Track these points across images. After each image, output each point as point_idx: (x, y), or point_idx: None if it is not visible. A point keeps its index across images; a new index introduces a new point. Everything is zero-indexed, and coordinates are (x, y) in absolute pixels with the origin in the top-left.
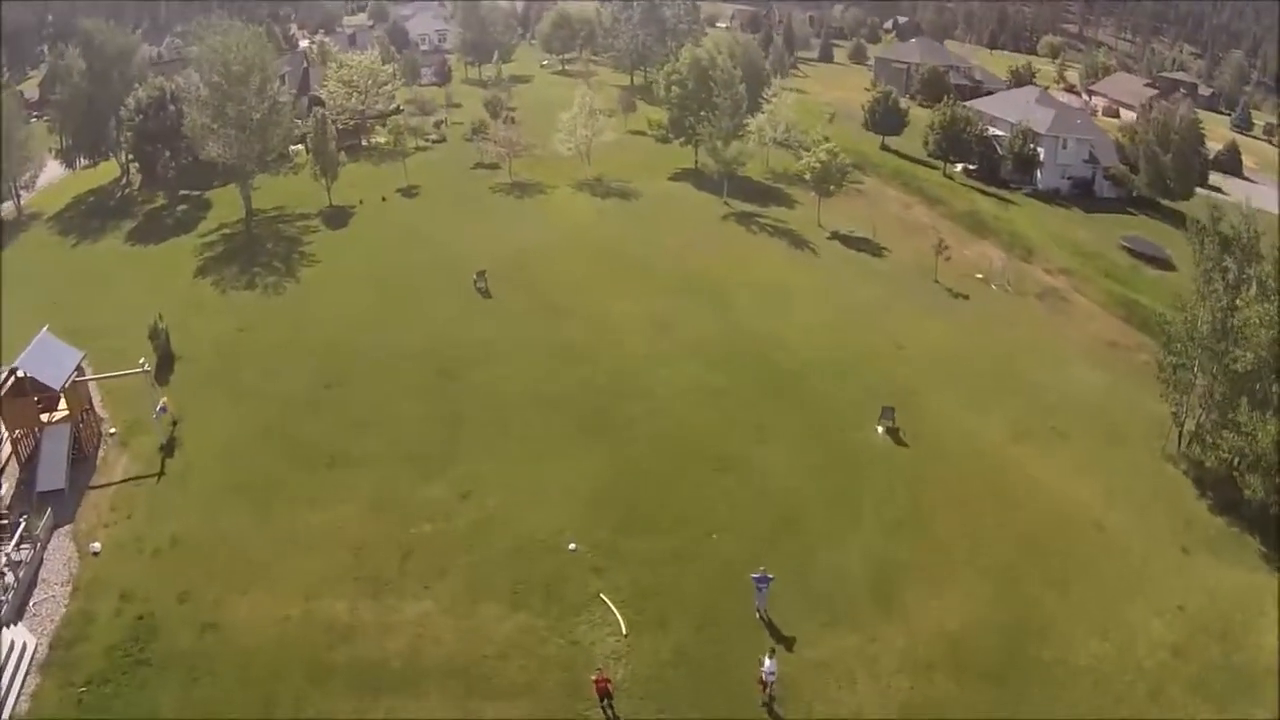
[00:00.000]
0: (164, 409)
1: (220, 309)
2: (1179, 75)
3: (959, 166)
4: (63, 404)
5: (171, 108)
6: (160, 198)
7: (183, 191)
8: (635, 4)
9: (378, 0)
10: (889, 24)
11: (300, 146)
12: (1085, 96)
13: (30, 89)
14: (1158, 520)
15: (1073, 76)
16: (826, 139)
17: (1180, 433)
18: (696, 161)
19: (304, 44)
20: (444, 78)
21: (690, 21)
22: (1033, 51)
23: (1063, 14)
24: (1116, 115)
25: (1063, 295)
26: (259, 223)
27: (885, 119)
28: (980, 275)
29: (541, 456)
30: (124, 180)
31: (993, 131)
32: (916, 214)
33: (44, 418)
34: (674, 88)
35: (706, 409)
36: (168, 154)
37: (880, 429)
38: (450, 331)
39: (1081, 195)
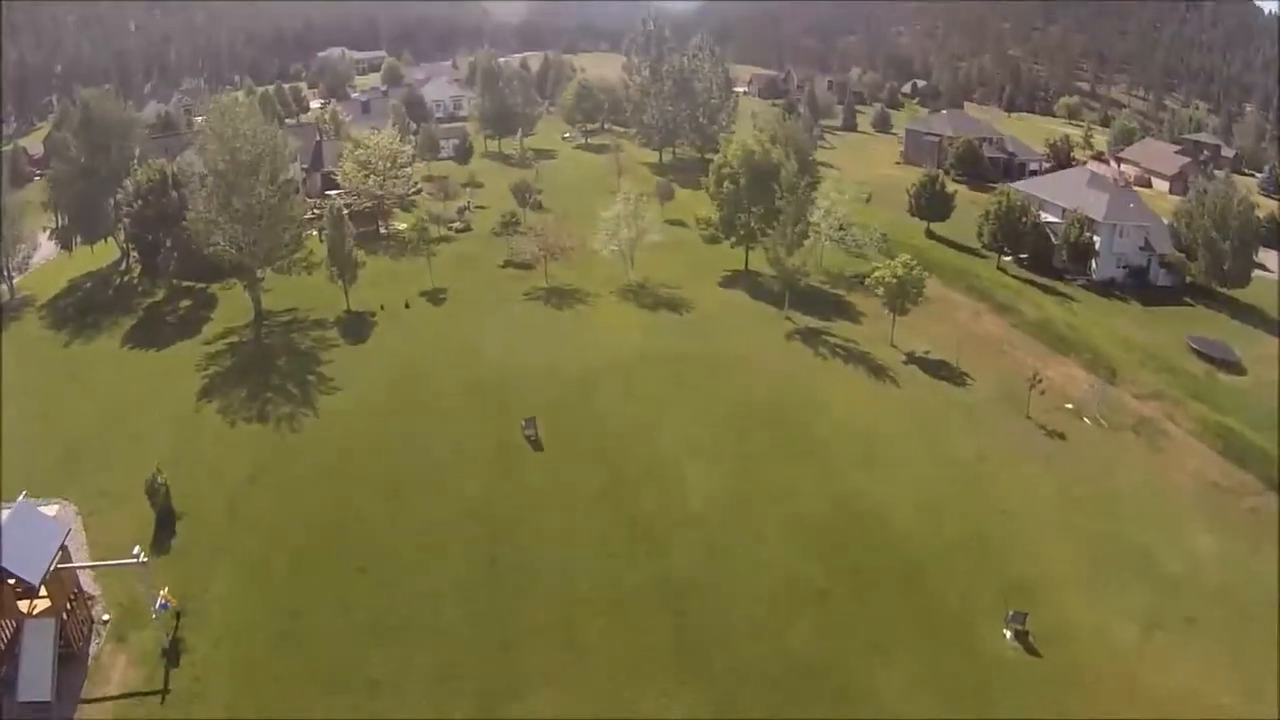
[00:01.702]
0: (165, 605)
1: (228, 446)
2: (1202, 137)
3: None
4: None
5: (174, 193)
6: (161, 290)
7: (185, 283)
8: (665, 76)
9: (391, 59)
10: (907, 88)
11: (314, 233)
12: (1114, 164)
13: (37, 141)
14: None
15: (1093, 138)
16: (885, 237)
17: None
18: (747, 263)
19: (314, 105)
20: (464, 154)
21: (722, 96)
22: (1049, 113)
23: (1074, 71)
24: (1148, 184)
25: (1157, 426)
26: (270, 329)
27: (932, 204)
28: (1070, 405)
29: (622, 693)
30: (123, 265)
31: (1045, 218)
32: (988, 325)
33: (24, 605)
34: (725, 183)
35: (811, 618)
36: (169, 243)
37: (1008, 634)
38: (499, 497)
39: (1137, 285)
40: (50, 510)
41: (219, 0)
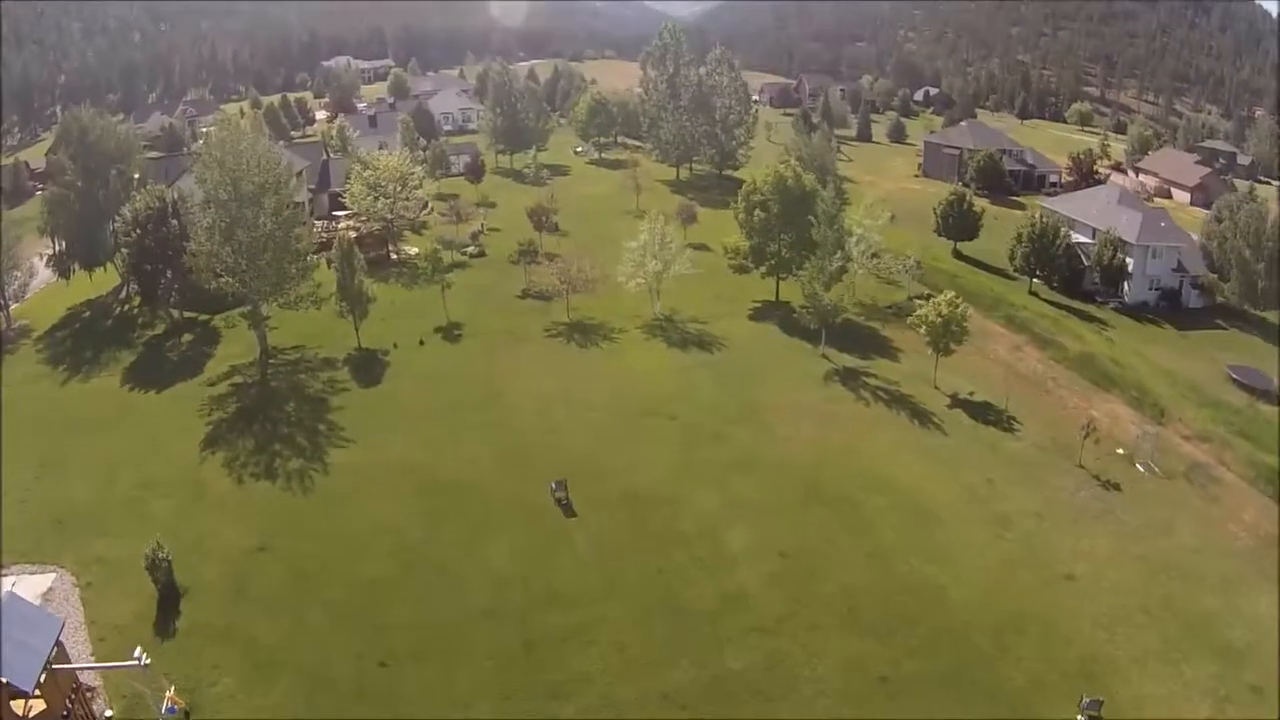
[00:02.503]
0: (173, 709)
1: (234, 508)
2: (1218, 145)
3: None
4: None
5: (174, 221)
6: (161, 323)
7: (188, 314)
8: (683, 90)
9: (397, 70)
10: (919, 96)
11: (320, 258)
12: (1132, 174)
13: (40, 153)
14: None
15: (1109, 146)
16: (919, 264)
17: None
18: (778, 293)
19: (320, 116)
20: (476, 172)
21: (742, 111)
22: (1060, 119)
23: (1083, 75)
24: (1168, 195)
25: (1209, 472)
26: (276, 368)
27: (960, 223)
28: (1121, 450)
29: None
30: (122, 293)
31: (1075, 238)
32: (1030, 361)
33: (18, 706)
34: (756, 211)
35: (875, 709)
36: (169, 273)
37: None
38: (530, 574)
39: (1170, 307)
40: (45, 580)
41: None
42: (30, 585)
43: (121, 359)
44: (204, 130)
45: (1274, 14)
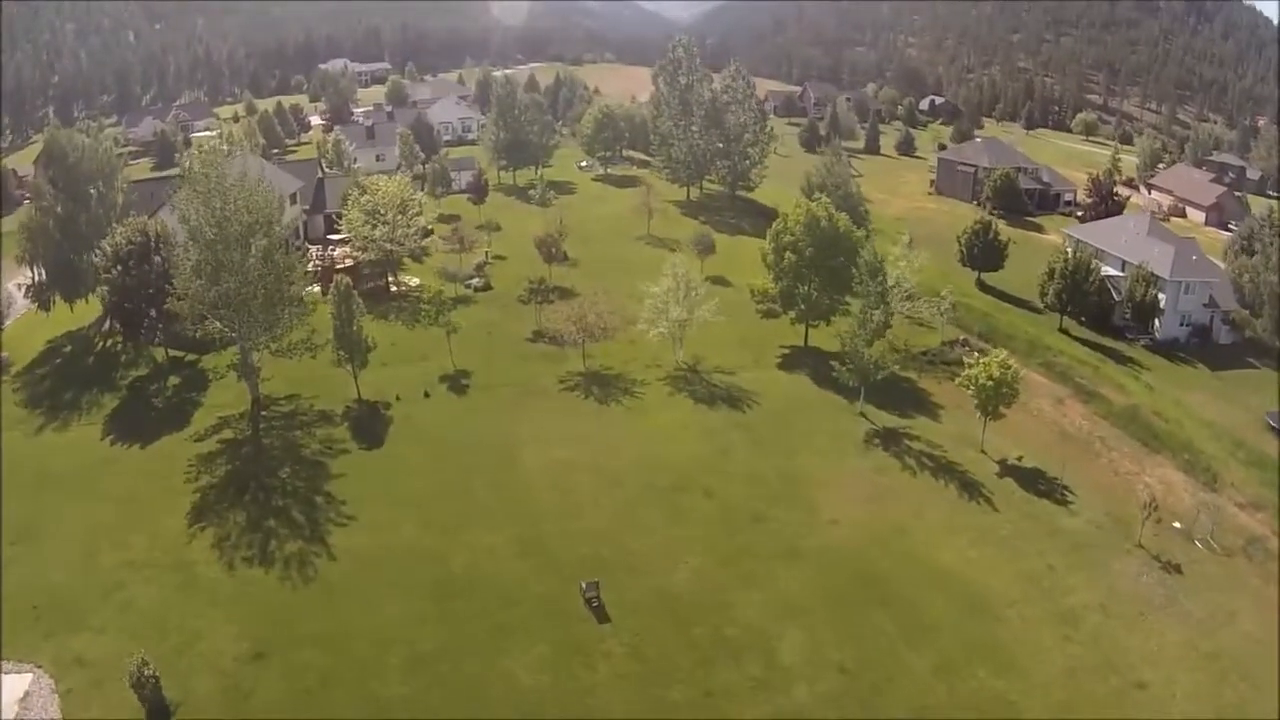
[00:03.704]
0: None
1: (227, 602)
2: (1227, 158)
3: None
4: None
5: (157, 258)
6: (145, 362)
7: (174, 352)
8: (696, 109)
9: (395, 78)
10: (925, 105)
11: (316, 289)
12: (1145, 190)
13: (31, 158)
14: None
15: (1120, 159)
16: (954, 306)
17: None
18: (807, 338)
19: (316, 121)
20: (479, 192)
21: (757, 129)
22: (1064, 128)
23: (1086, 83)
24: (1183, 214)
25: (1266, 546)
26: (269, 422)
27: (985, 253)
28: (1178, 524)
29: None
30: (105, 325)
31: (1105, 271)
32: (1074, 416)
33: None
34: (787, 254)
35: None
36: (153, 313)
37: None
38: (563, 695)
39: (1201, 344)
40: (22, 681)
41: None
42: (7, 687)
43: (103, 403)
44: (189, 156)
45: (1275, 21)
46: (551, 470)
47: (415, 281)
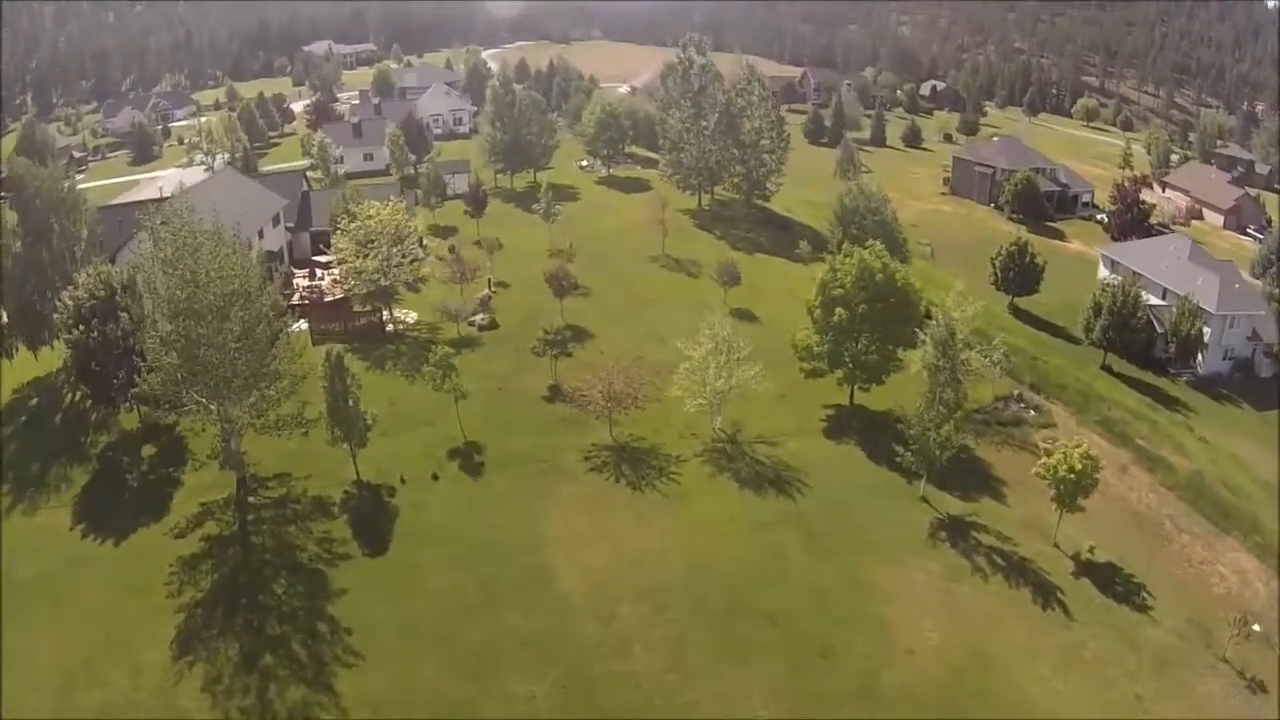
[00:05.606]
0: None
1: None
2: (1234, 151)
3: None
4: None
5: (124, 315)
6: (115, 428)
7: (145, 411)
8: (709, 113)
9: (380, 65)
10: (925, 90)
11: (303, 324)
12: (1160, 189)
13: (8, 148)
14: None
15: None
16: (1008, 356)
17: None
18: (852, 397)
19: (298, 109)
20: (477, 204)
21: (774, 135)
22: (1063, 111)
23: (1083, 66)
24: (1200, 216)
25: None
26: (257, 512)
27: (1021, 277)
28: (1259, 628)
29: None
30: (71, 379)
31: (1146, 299)
32: (1140, 489)
33: None
34: (837, 310)
35: None
36: (121, 373)
37: None
38: None
39: (1243, 378)
40: None
41: None
42: None
43: (73, 478)
44: (151, 216)
45: (1270, 4)
46: (589, 588)
47: (413, 317)
